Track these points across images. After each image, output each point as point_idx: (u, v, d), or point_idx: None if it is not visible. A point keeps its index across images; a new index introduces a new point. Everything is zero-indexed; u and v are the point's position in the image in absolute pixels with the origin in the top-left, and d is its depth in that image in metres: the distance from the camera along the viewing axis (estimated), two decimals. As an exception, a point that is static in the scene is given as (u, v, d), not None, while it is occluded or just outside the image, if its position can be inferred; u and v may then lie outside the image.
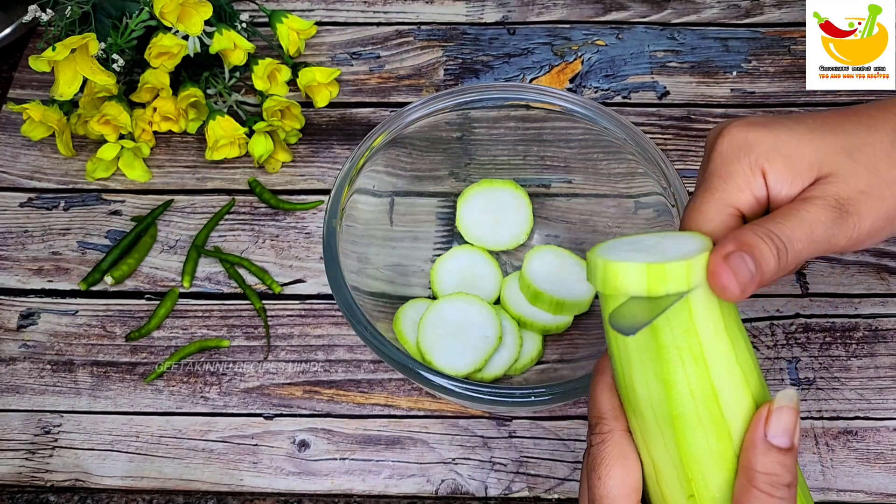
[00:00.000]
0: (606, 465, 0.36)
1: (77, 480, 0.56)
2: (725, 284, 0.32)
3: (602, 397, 0.37)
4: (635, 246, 0.35)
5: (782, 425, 0.33)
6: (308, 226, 0.66)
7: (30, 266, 0.64)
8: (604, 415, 0.37)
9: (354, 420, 0.58)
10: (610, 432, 0.36)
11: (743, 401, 0.34)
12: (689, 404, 0.33)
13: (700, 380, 0.33)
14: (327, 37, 0.76)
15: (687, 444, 0.34)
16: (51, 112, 0.65)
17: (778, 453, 0.33)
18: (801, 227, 0.34)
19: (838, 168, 0.36)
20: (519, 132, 0.60)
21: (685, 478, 0.34)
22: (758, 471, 0.33)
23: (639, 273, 0.32)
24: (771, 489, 0.33)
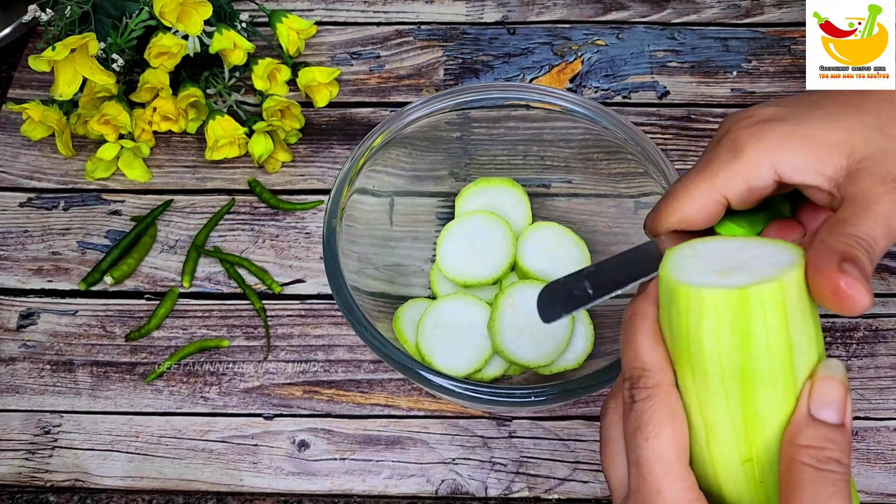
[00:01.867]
0: (656, 423, 0.32)
1: (77, 480, 0.56)
2: (855, 297, 0.30)
3: (645, 346, 0.33)
4: (713, 261, 0.33)
5: (827, 397, 0.30)
6: (308, 226, 0.66)
7: (30, 266, 0.64)
8: (649, 366, 0.33)
9: (354, 420, 0.58)
10: (657, 386, 0.32)
11: (813, 356, 0.32)
12: (765, 359, 0.31)
13: (779, 334, 0.31)
14: (327, 36, 0.76)
15: (755, 403, 0.31)
16: (50, 112, 0.65)
17: (825, 428, 0.30)
18: (879, 225, 0.32)
19: (874, 147, 0.34)
20: (519, 132, 0.60)
21: (745, 440, 0.31)
22: (800, 444, 0.30)
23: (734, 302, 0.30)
24: (814, 460, 0.29)
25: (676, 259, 0.33)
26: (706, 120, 0.70)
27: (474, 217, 0.60)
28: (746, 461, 0.32)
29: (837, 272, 0.30)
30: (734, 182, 0.35)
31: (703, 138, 0.69)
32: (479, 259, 0.58)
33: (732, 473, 0.32)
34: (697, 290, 0.31)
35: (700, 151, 0.69)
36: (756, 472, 0.32)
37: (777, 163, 0.34)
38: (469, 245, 0.58)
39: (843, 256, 0.30)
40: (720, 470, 0.33)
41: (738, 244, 0.34)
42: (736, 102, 0.71)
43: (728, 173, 0.35)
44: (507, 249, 0.59)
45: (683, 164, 0.68)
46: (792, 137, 0.34)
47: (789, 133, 0.35)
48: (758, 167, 0.35)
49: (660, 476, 0.32)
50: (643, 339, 0.33)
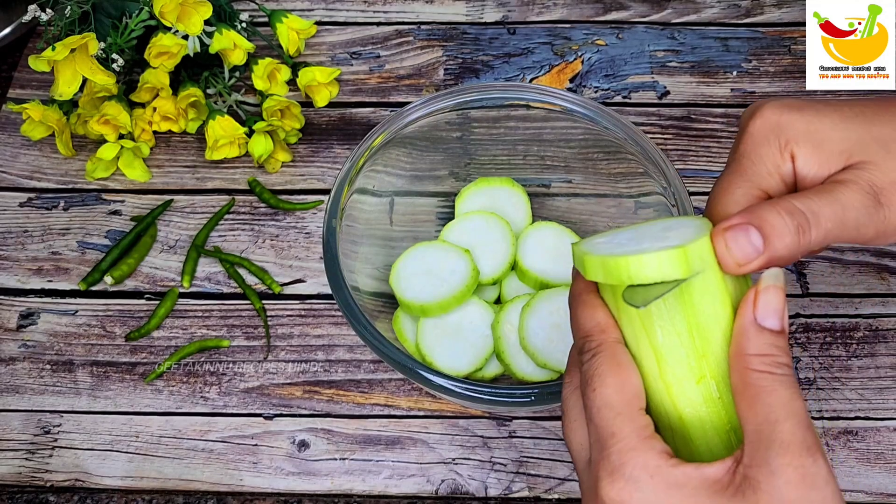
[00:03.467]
0: (601, 374, 0.33)
1: (77, 480, 0.56)
2: (719, 255, 0.32)
3: (584, 315, 0.35)
4: (627, 237, 0.36)
5: (772, 306, 0.32)
6: (308, 226, 0.66)
7: (29, 266, 0.64)
8: (590, 331, 0.35)
9: (354, 420, 0.58)
10: (600, 344, 0.34)
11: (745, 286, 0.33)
12: (698, 278, 0.32)
13: (706, 251, 0.33)
14: (327, 36, 0.76)
15: (696, 315, 0.32)
16: (50, 112, 0.65)
17: (770, 335, 0.31)
18: (832, 206, 0.33)
19: (872, 157, 0.35)
20: (519, 132, 0.60)
21: (695, 357, 0.33)
22: (750, 353, 0.31)
23: (657, 261, 0.32)
24: (768, 367, 0.31)
25: (595, 240, 0.36)
26: (706, 120, 0.70)
27: (473, 217, 0.60)
28: (700, 379, 0.33)
29: (721, 232, 0.32)
30: (771, 180, 0.36)
31: (703, 138, 0.69)
32: (479, 260, 0.58)
33: (689, 398, 0.33)
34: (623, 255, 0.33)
35: (700, 151, 0.69)
36: (711, 389, 0.33)
37: (797, 163, 0.36)
38: (468, 246, 0.58)
39: (750, 219, 0.32)
40: (677, 397, 0.34)
41: (659, 225, 0.37)
42: (736, 102, 0.71)
43: (762, 171, 0.36)
44: (507, 249, 0.59)
45: (683, 164, 0.68)
46: (806, 140, 0.36)
47: (803, 133, 0.36)
48: (785, 164, 0.36)
49: (610, 419, 0.33)
50: (581, 310, 0.36)
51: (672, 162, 0.56)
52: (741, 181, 0.36)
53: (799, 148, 0.36)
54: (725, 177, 0.37)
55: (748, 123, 0.37)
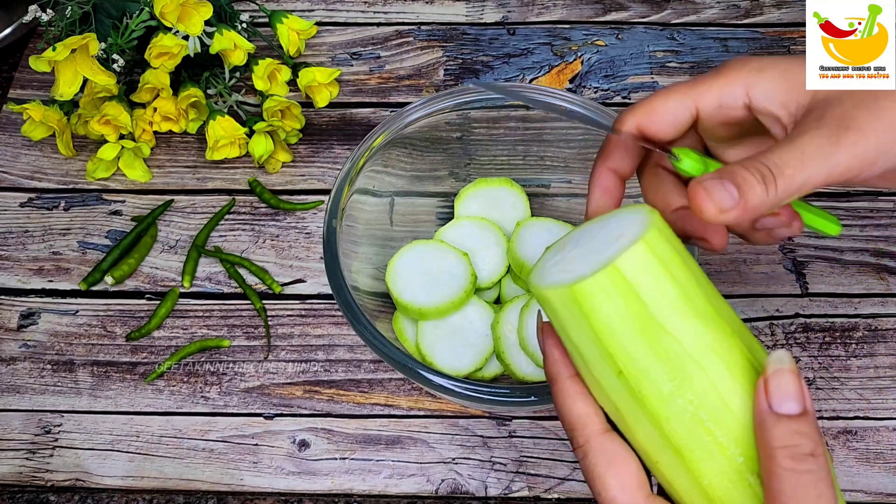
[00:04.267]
0: (598, 476, 0.34)
1: (77, 480, 0.56)
2: (701, 204, 0.32)
3: (564, 406, 0.35)
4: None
5: (784, 390, 0.30)
6: (308, 226, 0.66)
7: (30, 266, 0.65)
8: (574, 425, 0.35)
9: (354, 420, 0.58)
10: (586, 442, 0.34)
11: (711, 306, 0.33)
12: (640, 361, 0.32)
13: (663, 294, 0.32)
14: (327, 37, 0.77)
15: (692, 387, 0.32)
16: (51, 112, 0.65)
17: (790, 421, 0.30)
18: (790, 151, 0.33)
19: (835, 92, 0.35)
20: (519, 132, 0.61)
21: (676, 452, 0.32)
22: (774, 447, 0.30)
23: (598, 285, 0.32)
24: (794, 463, 0.30)
25: (541, 266, 0.36)
26: (706, 120, 0.70)
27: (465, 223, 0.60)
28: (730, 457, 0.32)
29: (697, 184, 0.32)
30: (708, 94, 0.37)
31: (702, 138, 0.70)
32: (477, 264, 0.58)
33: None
34: (574, 287, 0.32)
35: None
36: (742, 469, 0.32)
37: (752, 87, 0.36)
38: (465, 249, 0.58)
39: (721, 174, 0.33)
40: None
41: (596, 224, 0.36)
42: (736, 103, 0.71)
43: (704, 86, 0.37)
44: (503, 253, 0.59)
45: (683, 165, 0.68)
46: (772, 69, 0.36)
47: (770, 65, 0.37)
48: (732, 85, 0.37)
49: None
50: (561, 401, 0.35)
51: (672, 162, 0.56)
52: (681, 92, 0.37)
53: (762, 74, 0.36)
54: (671, 86, 0.38)
55: (725, 62, 0.38)
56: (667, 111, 0.37)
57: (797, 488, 0.30)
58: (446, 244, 0.58)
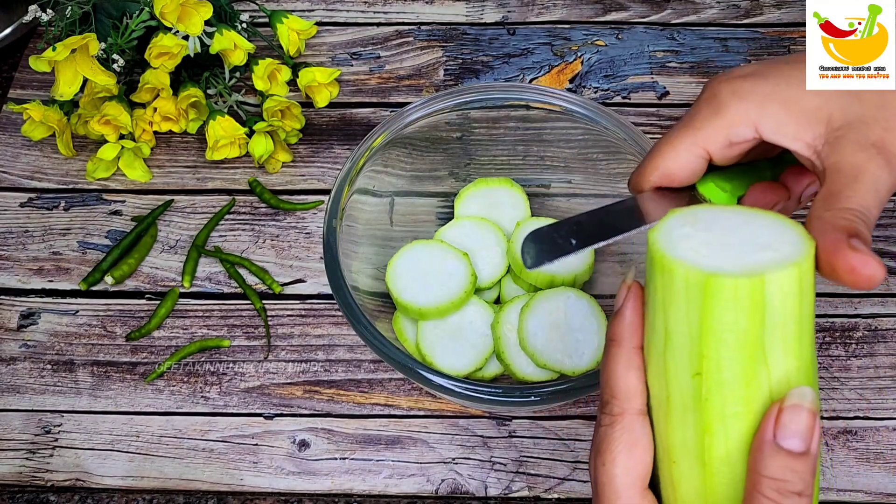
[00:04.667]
0: (612, 451, 0.33)
1: (77, 480, 0.56)
2: (872, 274, 0.30)
3: (616, 373, 0.34)
4: (707, 231, 0.33)
5: (794, 427, 0.30)
6: (308, 226, 0.66)
7: (30, 266, 0.65)
8: (616, 393, 0.33)
9: (354, 420, 0.58)
10: (621, 415, 0.33)
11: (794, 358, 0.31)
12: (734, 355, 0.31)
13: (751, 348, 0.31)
14: (327, 37, 0.77)
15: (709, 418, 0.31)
16: (51, 112, 0.65)
17: (788, 457, 0.29)
18: (870, 193, 0.33)
19: (852, 113, 0.34)
20: (519, 132, 0.61)
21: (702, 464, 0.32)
22: (763, 475, 0.30)
23: (735, 287, 0.30)
24: (777, 496, 0.29)
25: (667, 233, 0.33)
26: (706, 120, 0.70)
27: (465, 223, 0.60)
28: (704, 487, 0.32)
29: (849, 250, 0.30)
30: (715, 136, 0.36)
31: (702, 138, 0.70)
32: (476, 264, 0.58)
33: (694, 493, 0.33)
34: (702, 273, 0.30)
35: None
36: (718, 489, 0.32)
37: (759, 123, 0.35)
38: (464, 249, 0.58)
39: (849, 232, 0.31)
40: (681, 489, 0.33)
41: (733, 215, 0.34)
42: (736, 103, 0.71)
43: (710, 128, 0.36)
44: (502, 253, 0.59)
45: (683, 165, 0.68)
46: (772, 99, 0.35)
47: (770, 94, 0.35)
48: (738, 123, 0.35)
49: (610, 500, 0.33)
50: (615, 366, 0.34)
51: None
52: (687, 138, 0.36)
53: (765, 110, 0.35)
54: (674, 131, 0.37)
55: (714, 83, 0.37)
56: (679, 166, 0.36)
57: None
58: (446, 244, 0.58)
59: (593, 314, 0.56)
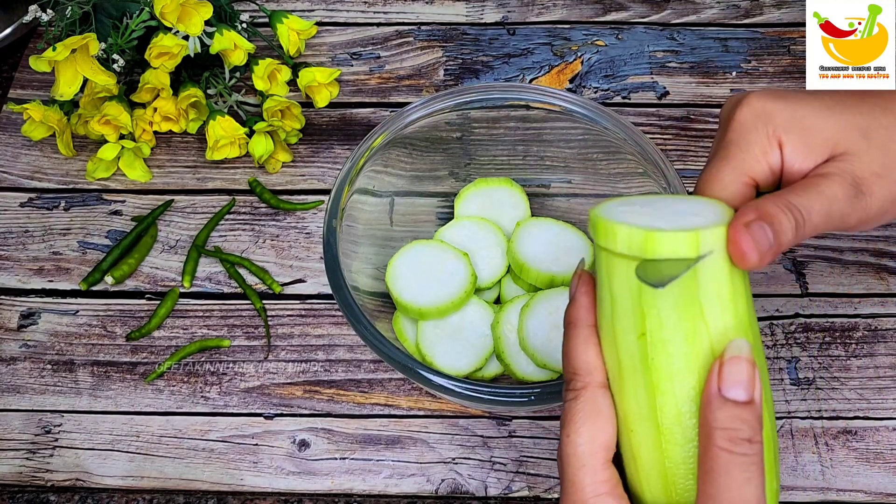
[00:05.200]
0: (576, 422, 0.35)
1: (77, 480, 0.56)
2: (745, 252, 0.32)
3: (575, 351, 0.36)
4: (644, 208, 0.36)
5: (735, 377, 0.32)
6: (308, 226, 0.66)
7: (30, 266, 0.65)
8: (577, 369, 0.35)
9: (354, 420, 0.58)
10: (583, 388, 0.35)
11: (728, 318, 0.34)
12: (668, 356, 0.33)
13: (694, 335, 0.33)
14: (327, 37, 0.77)
15: (660, 393, 0.33)
16: (51, 112, 0.65)
17: (735, 407, 0.31)
18: (819, 202, 0.35)
19: (853, 147, 0.36)
20: (519, 132, 0.61)
21: (655, 426, 0.33)
22: (714, 427, 0.31)
23: (673, 241, 0.32)
24: (730, 444, 0.31)
25: (608, 207, 0.36)
26: (706, 120, 0.71)
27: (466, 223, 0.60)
28: (659, 448, 0.33)
29: (742, 227, 0.33)
30: (759, 166, 0.37)
31: (702, 139, 0.70)
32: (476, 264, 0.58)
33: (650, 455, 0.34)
34: (649, 231, 0.32)
35: (700, 152, 0.69)
36: (686, 408, 0.33)
37: (784, 151, 0.37)
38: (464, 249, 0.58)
39: (761, 215, 0.33)
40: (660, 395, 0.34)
41: (669, 198, 0.37)
42: (736, 103, 0.71)
43: (750, 158, 0.37)
44: (503, 253, 0.59)
45: (683, 165, 0.68)
46: (792, 130, 0.37)
47: (790, 124, 0.37)
48: (773, 152, 0.37)
49: (575, 469, 0.34)
50: (574, 343, 0.36)
51: (671, 162, 0.56)
52: (729, 168, 0.37)
53: (787, 136, 0.36)
54: (714, 163, 0.38)
55: (734, 112, 0.38)
56: (731, 195, 0.37)
57: (729, 467, 0.31)
58: (446, 244, 0.58)
59: None
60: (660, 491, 0.34)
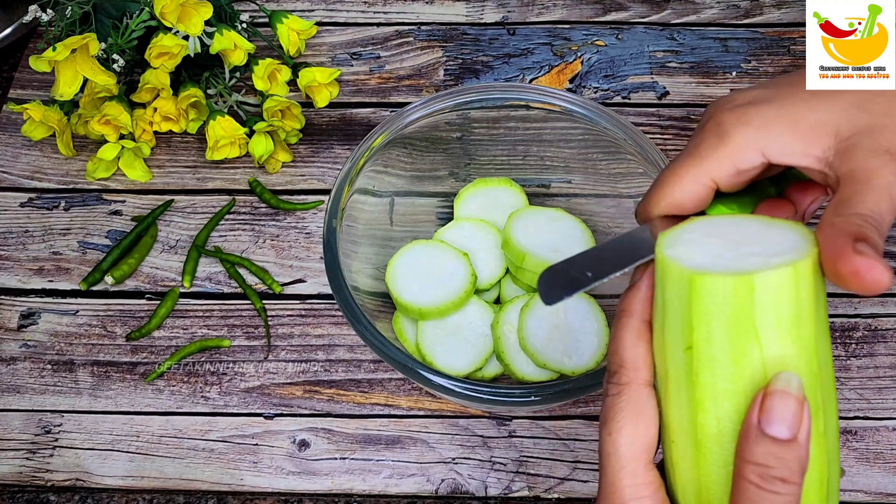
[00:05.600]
0: (618, 421, 0.33)
1: (77, 480, 0.56)
2: (878, 278, 0.29)
3: (625, 343, 0.34)
4: (715, 237, 0.34)
5: (778, 413, 0.29)
6: (308, 226, 0.66)
7: (30, 266, 0.65)
8: (624, 363, 0.34)
9: (354, 420, 0.58)
10: (628, 384, 0.33)
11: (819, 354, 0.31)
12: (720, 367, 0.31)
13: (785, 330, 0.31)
14: (327, 37, 0.77)
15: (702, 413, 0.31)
16: (51, 112, 0.65)
17: (772, 444, 0.29)
18: (883, 199, 0.32)
19: (859, 123, 0.34)
20: (519, 132, 0.61)
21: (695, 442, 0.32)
22: (747, 460, 0.30)
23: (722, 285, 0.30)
24: (760, 481, 0.29)
25: (675, 238, 0.34)
26: (706, 120, 0.70)
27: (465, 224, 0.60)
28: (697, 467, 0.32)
29: (854, 254, 0.30)
30: (722, 166, 0.35)
31: (702, 138, 0.69)
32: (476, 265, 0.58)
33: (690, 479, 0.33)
34: (695, 274, 0.31)
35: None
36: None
37: (764, 146, 0.35)
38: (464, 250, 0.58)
39: (856, 237, 0.30)
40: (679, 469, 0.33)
41: (742, 223, 0.34)
42: (736, 103, 0.71)
43: (715, 157, 0.35)
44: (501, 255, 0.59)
45: (683, 165, 0.68)
46: (777, 121, 0.35)
47: (774, 116, 0.35)
48: (745, 150, 0.35)
49: (615, 470, 0.33)
50: (625, 336, 0.34)
51: (672, 162, 0.56)
52: (693, 168, 0.36)
53: (770, 135, 0.35)
54: (679, 160, 0.36)
55: (714, 112, 0.36)
56: (686, 197, 0.36)
57: (757, 502, 0.29)
58: (446, 244, 0.58)
59: (593, 314, 0.56)
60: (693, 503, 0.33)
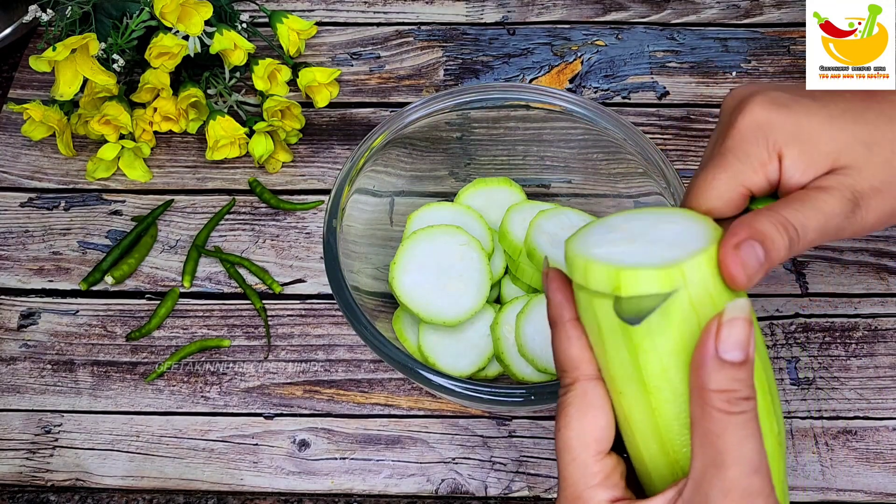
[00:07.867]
0: (566, 416, 0.34)
1: (77, 480, 0.56)
2: (733, 274, 0.32)
3: (561, 347, 0.36)
4: (622, 234, 0.35)
5: (734, 338, 0.31)
6: (308, 226, 0.66)
7: (30, 266, 0.65)
8: (565, 366, 0.35)
9: (354, 420, 0.58)
10: (573, 382, 0.35)
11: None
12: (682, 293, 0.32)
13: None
14: (327, 37, 0.77)
15: (681, 330, 0.32)
16: (51, 112, 0.65)
17: (732, 368, 0.30)
18: (816, 218, 0.34)
19: (856, 160, 0.36)
20: (519, 132, 0.61)
21: (642, 386, 0.33)
22: (710, 389, 0.31)
23: (648, 280, 0.31)
24: (728, 405, 0.30)
25: (584, 234, 0.36)
26: (706, 120, 0.71)
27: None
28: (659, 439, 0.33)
29: (733, 250, 0.32)
30: (756, 177, 0.37)
31: (702, 138, 0.70)
32: None
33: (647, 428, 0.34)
34: (591, 262, 0.33)
35: (700, 152, 0.69)
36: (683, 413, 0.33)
37: (783, 164, 0.36)
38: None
39: (754, 235, 0.33)
40: (636, 428, 0.34)
41: (654, 217, 0.36)
42: (736, 103, 0.71)
43: (748, 168, 0.36)
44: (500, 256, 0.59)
45: (683, 164, 0.68)
46: (793, 143, 0.36)
47: (792, 136, 0.36)
48: (771, 164, 0.36)
49: (566, 463, 0.34)
50: (557, 342, 0.36)
51: (671, 162, 0.56)
52: (725, 176, 0.37)
53: (787, 149, 0.36)
54: (709, 170, 0.37)
55: (737, 118, 0.37)
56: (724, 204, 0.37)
57: (728, 427, 0.31)
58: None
59: None
60: (657, 450, 0.34)
